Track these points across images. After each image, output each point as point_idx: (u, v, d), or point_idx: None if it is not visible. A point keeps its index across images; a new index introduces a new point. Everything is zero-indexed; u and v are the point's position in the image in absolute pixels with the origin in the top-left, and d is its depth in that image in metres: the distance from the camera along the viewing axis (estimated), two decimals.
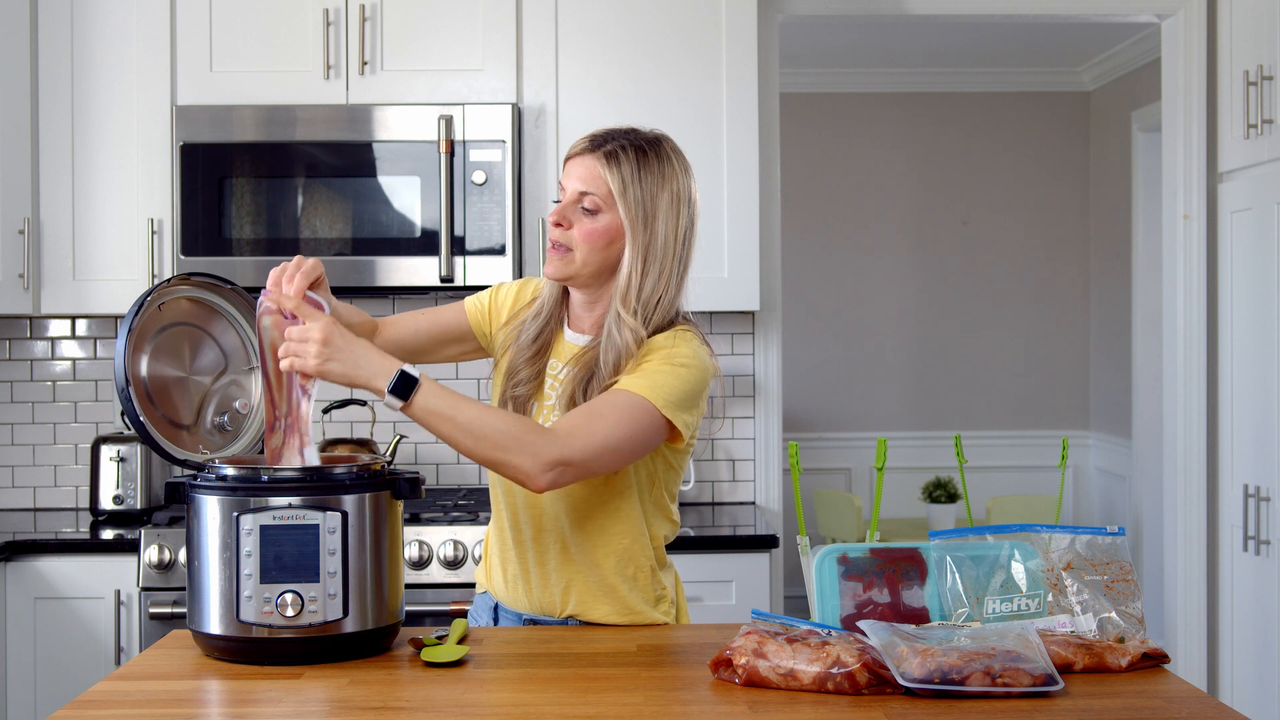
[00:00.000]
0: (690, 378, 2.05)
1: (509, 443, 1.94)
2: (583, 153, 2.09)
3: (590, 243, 2.08)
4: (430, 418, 1.94)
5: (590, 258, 2.09)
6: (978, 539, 1.95)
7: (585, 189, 2.07)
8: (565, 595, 2.15)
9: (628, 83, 3.52)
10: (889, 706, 1.67)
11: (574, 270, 2.10)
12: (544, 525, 2.13)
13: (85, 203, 3.52)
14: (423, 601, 3.19)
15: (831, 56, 6.20)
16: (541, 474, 1.94)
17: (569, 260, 2.09)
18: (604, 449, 1.98)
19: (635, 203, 2.07)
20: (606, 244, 2.08)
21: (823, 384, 6.53)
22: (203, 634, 1.92)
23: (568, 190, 2.09)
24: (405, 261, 3.42)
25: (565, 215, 2.08)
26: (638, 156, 2.08)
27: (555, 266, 2.10)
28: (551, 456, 1.94)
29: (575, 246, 2.08)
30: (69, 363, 3.86)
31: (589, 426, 1.98)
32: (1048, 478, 6.44)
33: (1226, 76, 3.74)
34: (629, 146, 2.08)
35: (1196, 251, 3.86)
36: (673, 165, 2.11)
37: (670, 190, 2.10)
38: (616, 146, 2.08)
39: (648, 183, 2.08)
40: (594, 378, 2.09)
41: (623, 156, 2.07)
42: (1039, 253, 6.54)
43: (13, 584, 3.26)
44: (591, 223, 2.08)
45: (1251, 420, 3.59)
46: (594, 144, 2.09)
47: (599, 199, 2.07)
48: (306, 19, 3.50)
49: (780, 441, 3.87)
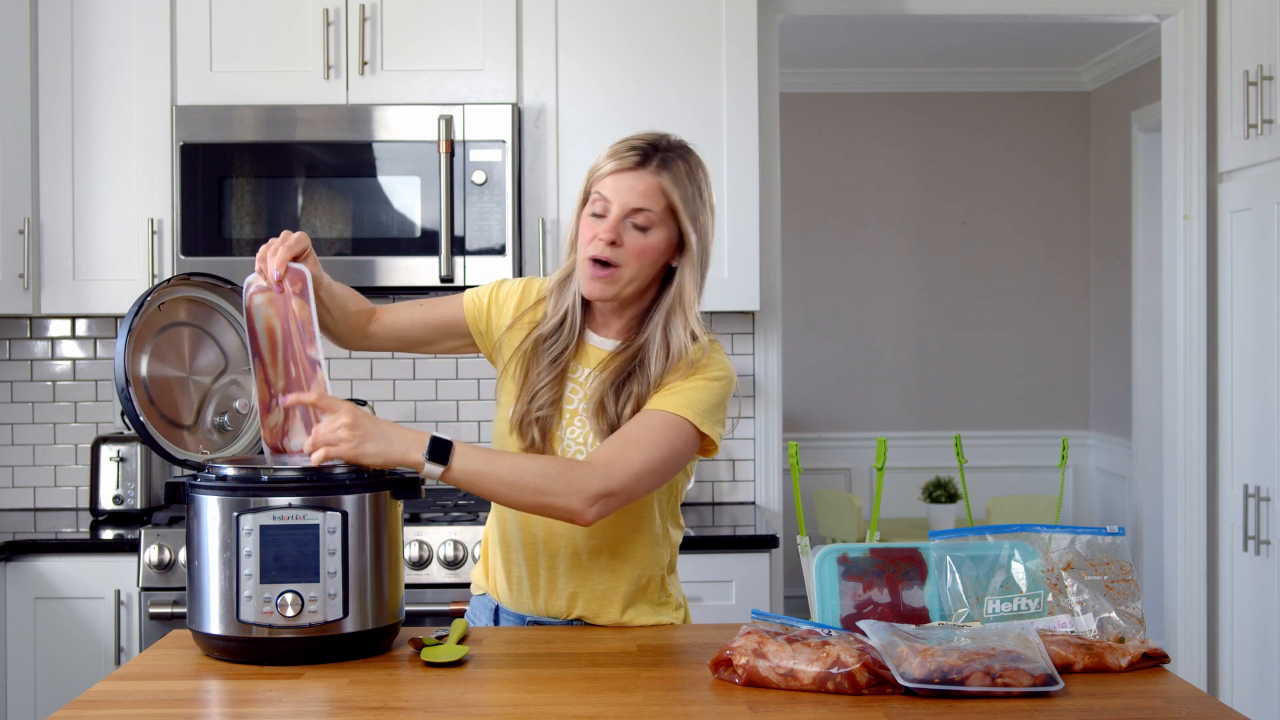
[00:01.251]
0: (721, 389, 2.07)
1: (551, 485, 1.94)
2: (635, 167, 2.03)
3: (642, 260, 2.04)
4: (470, 477, 1.94)
5: (639, 275, 2.06)
6: (978, 539, 1.95)
7: (641, 205, 2.03)
8: (572, 601, 2.14)
9: (628, 83, 3.52)
10: (889, 706, 1.67)
11: (619, 289, 2.06)
12: (556, 530, 2.11)
13: (85, 203, 3.52)
14: (423, 601, 3.19)
15: (831, 56, 6.20)
16: (587, 509, 1.95)
17: (616, 278, 2.05)
18: (644, 472, 1.98)
19: (693, 216, 2.05)
20: (655, 260, 2.06)
21: (823, 384, 6.53)
22: (203, 634, 1.92)
23: (614, 205, 2.03)
24: (405, 261, 3.42)
25: (618, 232, 2.03)
26: (685, 168, 2.06)
27: (602, 287, 2.05)
28: (595, 490, 1.94)
29: (625, 264, 2.04)
30: (69, 363, 3.86)
31: (626, 454, 1.98)
32: (1048, 478, 6.44)
33: (1226, 76, 3.74)
34: (675, 158, 2.05)
35: (1196, 251, 3.86)
36: (705, 172, 2.11)
37: (706, 198, 2.09)
38: (667, 158, 2.04)
39: (701, 192, 2.07)
40: (631, 379, 2.06)
41: (675, 168, 2.04)
42: (1039, 253, 6.54)
43: (13, 584, 3.26)
44: (644, 239, 2.04)
45: (1251, 420, 3.59)
46: (644, 158, 2.04)
47: (654, 215, 2.03)
48: (306, 19, 3.50)
49: (780, 441, 3.87)
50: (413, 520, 3.27)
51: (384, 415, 3.83)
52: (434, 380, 3.86)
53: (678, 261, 2.09)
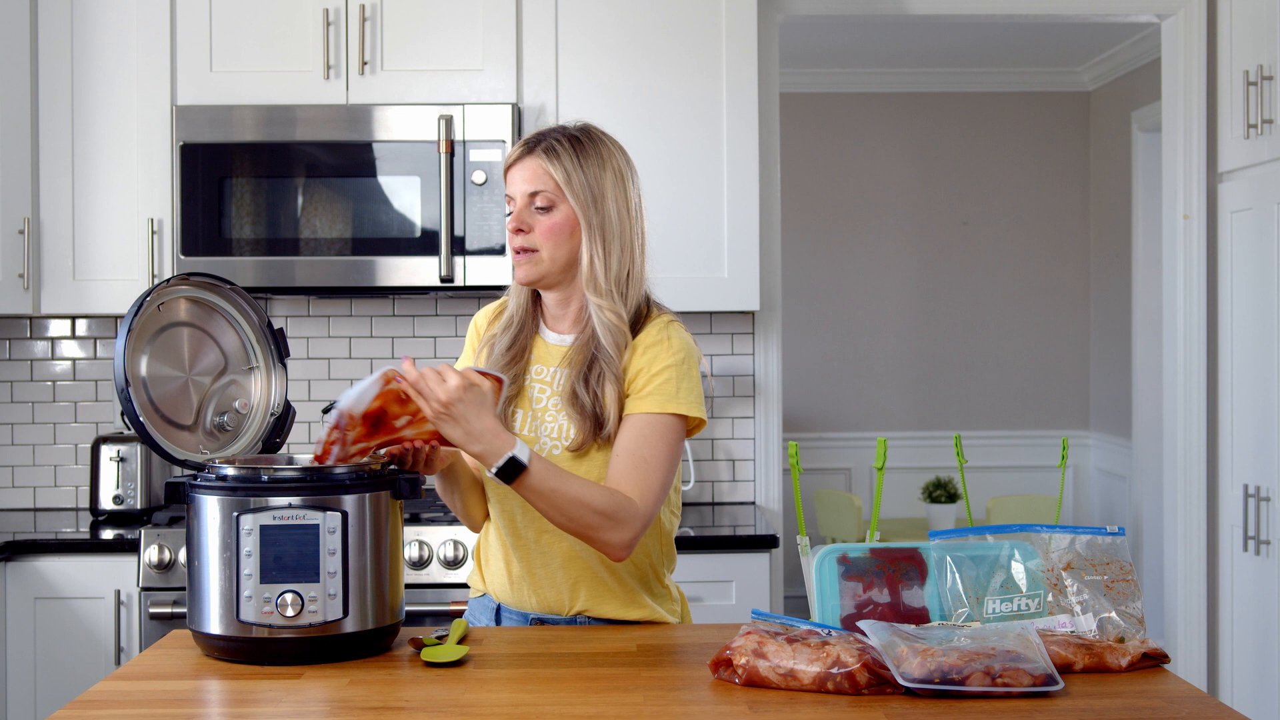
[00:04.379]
0: (692, 369, 2.14)
1: (601, 523, 2.01)
2: (521, 157, 2.15)
3: (553, 238, 2.13)
4: (530, 495, 1.99)
5: (556, 253, 2.13)
6: (978, 539, 1.95)
7: (534, 188, 2.13)
8: (574, 592, 2.16)
9: (628, 83, 3.52)
10: (889, 706, 1.67)
11: (544, 269, 2.14)
12: (547, 524, 2.13)
13: (85, 203, 3.52)
14: (423, 601, 3.19)
15: (831, 56, 6.20)
16: (627, 548, 2.05)
17: (537, 261, 2.14)
18: (662, 488, 2.08)
19: (582, 188, 2.13)
20: (568, 235, 2.14)
21: (823, 384, 6.53)
22: (203, 634, 1.92)
23: (516, 196, 2.15)
24: (405, 261, 3.42)
25: (523, 220, 2.14)
26: (573, 145, 2.14)
27: (525, 270, 2.15)
28: (636, 529, 2.04)
29: (539, 246, 2.13)
30: (69, 363, 3.86)
31: (647, 479, 2.06)
32: (1048, 478, 6.44)
33: (1226, 76, 3.74)
34: (562, 138, 2.15)
35: (1196, 251, 3.86)
36: (606, 146, 2.17)
37: (611, 169, 2.16)
38: (551, 141, 2.14)
39: (588, 167, 2.14)
40: (594, 365, 2.12)
41: (559, 149, 2.13)
42: (1039, 253, 6.54)
43: (13, 584, 3.26)
44: (548, 219, 2.13)
45: (1251, 420, 3.59)
46: (529, 146, 2.15)
47: (550, 194, 2.12)
48: (306, 19, 3.50)
49: (780, 441, 3.87)
50: (413, 520, 3.27)
51: None
52: None
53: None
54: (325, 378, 3.85)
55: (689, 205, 3.51)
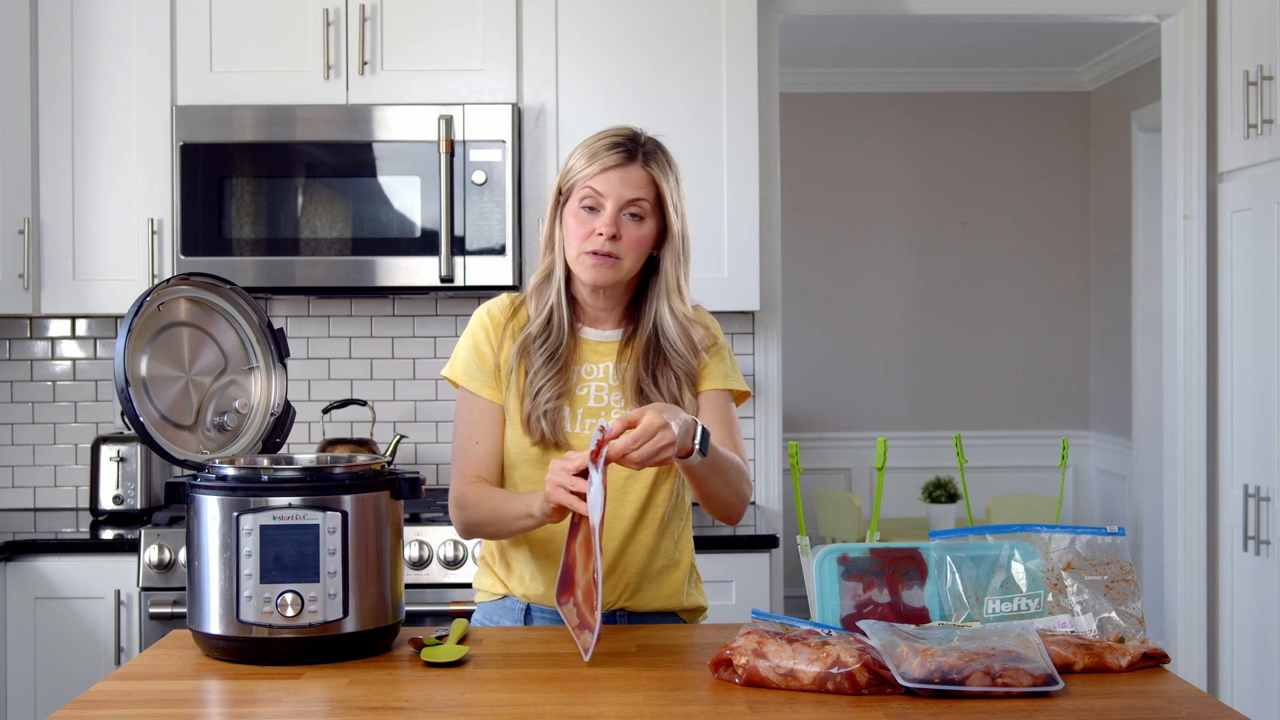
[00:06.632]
0: (728, 348, 2.29)
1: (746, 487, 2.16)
2: (625, 163, 2.13)
3: (639, 249, 2.16)
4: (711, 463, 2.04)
5: (636, 264, 2.17)
6: (978, 539, 1.95)
7: (635, 195, 2.13)
8: (622, 585, 2.18)
9: (628, 83, 3.52)
10: (889, 706, 1.67)
11: (620, 275, 2.16)
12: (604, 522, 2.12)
13: (85, 203, 3.52)
14: (423, 601, 3.19)
15: (831, 56, 6.20)
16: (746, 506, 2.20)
17: (617, 268, 2.15)
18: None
19: (675, 205, 2.18)
20: (649, 247, 2.18)
21: (823, 384, 6.53)
22: (203, 634, 1.92)
23: (610, 199, 2.12)
24: (405, 261, 3.42)
25: (617, 226, 2.13)
26: (665, 159, 2.18)
27: (603, 274, 2.14)
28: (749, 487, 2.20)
29: (624, 255, 2.14)
30: (69, 363, 3.86)
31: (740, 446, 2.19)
32: (1048, 478, 6.44)
33: (1226, 76, 3.74)
34: (656, 150, 2.17)
35: (1196, 251, 3.86)
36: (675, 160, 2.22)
37: (683, 188, 2.22)
38: (650, 151, 2.16)
39: (676, 184, 2.19)
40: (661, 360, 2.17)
41: (660, 160, 2.17)
42: (1039, 253, 6.54)
43: (13, 584, 3.26)
44: (639, 229, 2.15)
45: (1251, 420, 3.59)
46: (631, 152, 2.14)
47: (647, 204, 2.15)
48: (306, 19, 3.50)
49: (780, 441, 3.87)
50: (413, 520, 3.27)
51: (384, 415, 3.84)
52: (434, 380, 3.86)
53: (659, 250, 2.20)
54: (325, 378, 3.85)
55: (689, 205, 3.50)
